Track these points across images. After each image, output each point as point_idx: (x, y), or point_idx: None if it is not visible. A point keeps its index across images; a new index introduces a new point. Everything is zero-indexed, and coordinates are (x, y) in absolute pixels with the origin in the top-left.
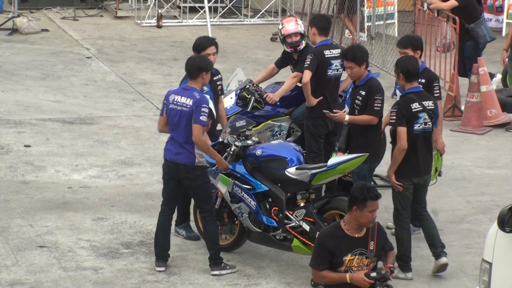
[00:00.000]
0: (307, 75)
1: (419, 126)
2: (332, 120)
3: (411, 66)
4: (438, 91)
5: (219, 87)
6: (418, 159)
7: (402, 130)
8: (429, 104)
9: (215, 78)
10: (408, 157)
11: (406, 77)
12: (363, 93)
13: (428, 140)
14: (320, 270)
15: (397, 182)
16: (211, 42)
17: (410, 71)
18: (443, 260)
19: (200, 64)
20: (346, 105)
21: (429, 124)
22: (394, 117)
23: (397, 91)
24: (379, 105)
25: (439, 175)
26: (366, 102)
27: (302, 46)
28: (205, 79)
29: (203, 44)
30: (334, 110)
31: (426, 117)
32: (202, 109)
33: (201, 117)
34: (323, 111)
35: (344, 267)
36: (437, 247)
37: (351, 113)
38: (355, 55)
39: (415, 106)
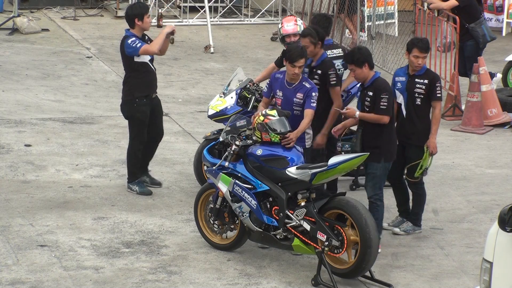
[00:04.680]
0: None
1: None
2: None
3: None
4: (439, 91)
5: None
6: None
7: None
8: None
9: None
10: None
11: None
12: (371, 93)
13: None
14: None
15: None
16: (147, 8)
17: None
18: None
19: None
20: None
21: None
22: (386, 104)
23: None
24: (385, 103)
25: (423, 174)
26: (374, 102)
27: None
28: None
29: (142, 10)
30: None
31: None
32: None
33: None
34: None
35: None
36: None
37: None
38: (354, 57)
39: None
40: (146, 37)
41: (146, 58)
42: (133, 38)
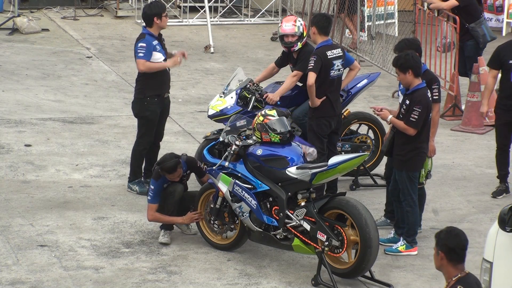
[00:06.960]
0: (312, 77)
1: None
2: (335, 119)
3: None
4: (437, 93)
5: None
6: None
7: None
8: None
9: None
10: None
11: None
12: (407, 102)
13: None
14: None
15: None
16: (165, 6)
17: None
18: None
19: None
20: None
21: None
22: (416, 117)
23: (399, 92)
24: (416, 116)
25: (427, 177)
26: (407, 111)
27: (296, 48)
28: None
29: (160, 9)
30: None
31: None
32: None
33: None
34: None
35: None
36: None
37: (396, 117)
38: (398, 61)
39: None
40: (162, 37)
41: (159, 58)
42: (143, 44)
